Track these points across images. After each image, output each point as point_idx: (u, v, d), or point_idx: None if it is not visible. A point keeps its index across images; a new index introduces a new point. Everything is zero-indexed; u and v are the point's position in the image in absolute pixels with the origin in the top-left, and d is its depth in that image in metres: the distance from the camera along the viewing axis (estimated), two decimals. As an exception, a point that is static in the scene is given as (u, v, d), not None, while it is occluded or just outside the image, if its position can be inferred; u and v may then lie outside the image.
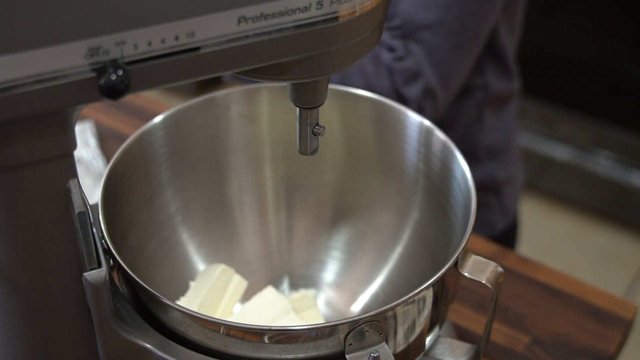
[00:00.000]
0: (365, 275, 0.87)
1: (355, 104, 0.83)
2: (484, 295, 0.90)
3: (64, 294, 0.61)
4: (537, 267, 0.95)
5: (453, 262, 0.66)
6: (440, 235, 0.80)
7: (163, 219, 0.82)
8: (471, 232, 0.68)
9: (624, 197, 2.06)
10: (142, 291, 0.64)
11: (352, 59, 0.59)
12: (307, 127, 0.65)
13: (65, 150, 0.54)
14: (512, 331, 0.88)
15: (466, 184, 0.72)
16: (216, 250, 0.87)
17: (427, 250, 0.83)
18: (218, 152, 0.85)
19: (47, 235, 0.57)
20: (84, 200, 0.57)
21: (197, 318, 0.62)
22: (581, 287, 0.93)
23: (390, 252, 0.86)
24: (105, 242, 0.66)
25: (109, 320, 0.62)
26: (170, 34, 0.51)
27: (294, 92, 0.62)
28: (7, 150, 0.52)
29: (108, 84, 0.50)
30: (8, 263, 0.58)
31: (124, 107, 1.16)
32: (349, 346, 0.62)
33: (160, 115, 0.79)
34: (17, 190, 0.54)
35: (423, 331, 0.68)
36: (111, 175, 0.73)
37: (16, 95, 0.49)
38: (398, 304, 0.62)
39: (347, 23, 0.55)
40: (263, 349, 0.62)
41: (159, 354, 0.63)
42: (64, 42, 0.49)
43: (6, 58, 0.48)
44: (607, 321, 0.89)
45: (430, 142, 0.79)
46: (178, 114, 0.80)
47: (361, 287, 0.87)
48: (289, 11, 0.53)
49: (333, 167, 0.88)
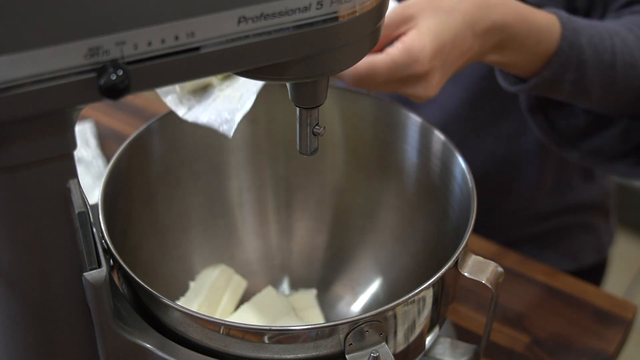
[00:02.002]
0: (365, 275, 0.87)
1: (355, 104, 0.83)
2: (484, 295, 0.90)
3: (64, 294, 0.61)
4: (537, 267, 0.95)
5: (453, 262, 0.66)
6: (440, 235, 0.80)
7: (163, 218, 0.82)
8: (472, 232, 0.68)
9: (624, 197, 2.06)
10: (142, 291, 0.64)
11: (352, 59, 0.59)
12: (307, 127, 0.65)
13: (65, 150, 0.54)
14: (512, 331, 0.88)
15: (466, 184, 0.72)
16: (216, 250, 0.88)
17: (427, 250, 0.83)
18: (218, 152, 0.85)
19: (47, 235, 0.57)
20: (84, 200, 0.57)
21: (197, 318, 0.62)
22: (581, 287, 0.93)
23: (390, 252, 0.86)
24: (105, 242, 0.66)
25: (109, 320, 0.62)
26: (170, 34, 0.51)
27: (294, 92, 0.62)
28: (7, 150, 0.52)
29: (108, 84, 0.50)
30: (8, 263, 0.58)
31: (124, 107, 1.16)
32: (349, 346, 0.62)
33: (160, 115, 0.79)
34: (17, 190, 0.54)
35: (423, 331, 0.68)
36: (111, 175, 0.73)
37: (16, 95, 0.49)
38: (398, 304, 0.62)
39: (347, 23, 0.55)
40: (263, 349, 0.62)
41: (159, 354, 0.63)
42: (64, 42, 0.49)
43: (6, 58, 0.48)
44: (607, 321, 0.89)
45: (430, 142, 0.79)
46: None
47: (361, 287, 0.87)
48: (289, 11, 0.53)
49: (333, 167, 0.88)
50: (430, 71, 0.71)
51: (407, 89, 0.72)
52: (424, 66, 0.70)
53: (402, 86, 0.72)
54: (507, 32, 0.74)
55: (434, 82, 0.72)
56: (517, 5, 0.76)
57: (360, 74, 0.70)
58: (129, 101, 1.16)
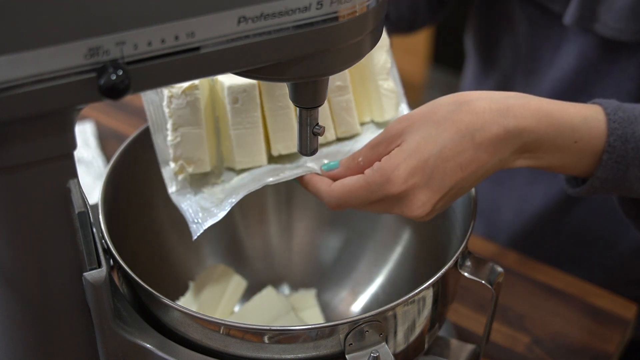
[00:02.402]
0: (365, 275, 0.87)
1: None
2: (484, 295, 0.90)
3: (64, 294, 0.61)
4: (537, 267, 0.95)
5: (453, 262, 0.66)
6: (440, 235, 0.80)
7: (163, 219, 0.82)
8: (471, 232, 0.68)
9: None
10: (142, 291, 0.64)
11: (352, 59, 0.59)
12: (307, 127, 0.64)
13: (65, 150, 0.54)
14: (512, 331, 0.88)
15: (466, 184, 0.72)
16: (216, 250, 0.87)
17: (427, 250, 0.83)
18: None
19: (47, 235, 0.57)
20: (84, 200, 0.57)
21: (197, 318, 0.62)
22: (581, 287, 0.93)
23: (390, 252, 0.86)
24: (105, 242, 0.66)
25: (109, 320, 0.62)
26: (170, 34, 0.51)
27: (294, 92, 0.62)
28: (7, 150, 0.52)
29: (108, 84, 0.50)
30: (8, 263, 0.58)
31: (124, 107, 1.16)
32: (349, 346, 0.62)
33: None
34: (17, 190, 0.54)
35: (423, 331, 0.68)
36: (111, 175, 0.73)
37: (16, 95, 0.49)
38: (398, 304, 0.62)
39: (347, 23, 0.55)
40: (263, 349, 0.62)
41: (159, 354, 0.63)
42: (64, 42, 0.49)
43: (6, 58, 0.48)
44: (607, 321, 0.89)
45: (430, 142, 0.79)
46: (178, 114, 0.80)
47: (361, 287, 0.87)
48: (289, 11, 0.53)
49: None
50: (408, 190, 0.66)
51: (390, 209, 0.68)
52: (398, 186, 0.65)
53: (383, 206, 0.68)
54: (529, 136, 0.67)
55: (417, 202, 0.66)
56: (540, 105, 0.68)
57: (338, 196, 0.67)
58: (129, 101, 1.16)
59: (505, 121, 0.66)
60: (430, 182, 0.66)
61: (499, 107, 0.67)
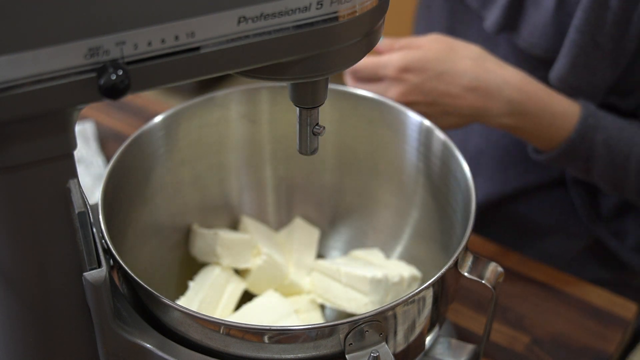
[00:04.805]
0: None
1: (355, 104, 0.83)
2: (484, 295, 0.90)
3: (64, 294, 0.61)
4: (537, 267, 0.95)
5: (453, 262, 0.66)
6: (440, 235, 0.80)
7: (163, 218, 0.82)
8: (471, 232, 0.68)
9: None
10: (142, 291, 0.64)
11: (352, 59, 0.59)
12: (307, 127, 0.64)
13: (65, 150, 0.54)
14: (512, 331, 0.88)
15: (466, 184, 0.72)
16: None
17: (427, 250, 0.83)
18: (218, 152, 0.85)
19: (47, 235, 0.57)
20: (84, 200, 0.57)
21: (197, 318, 0.62)
22: (581, 287, 0.93)
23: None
24: (105, 242, 0.66)
25: (109, 320, 0.62)
26: (170, 34, 0.51)
27: (294, 92, 0.62)
28: (7, 150, 0.52)
29: (108, 84, 0.50)
30: (8, 263, 0.58)
31: (124, 107, 1.16)
32: (349, 346, 0.62)
33: (160, 115, 0.79)
34: (17, 190, 0.54)
35: (423, 331, 0.68)
36: (111, 175, 0.73)
37: (16, 95, 0.49)
38: (398, 304, 0.62)
39: (347, 23, 0.55)
40: (263, 349, 0.62)
41: (159, 354, 0.63)
42: (64, 42, 0.49)
43: (6, 58, 0.48)
44: (607, 321, 0.89)
45: (430, 142, 0.79)
46: (178, 114, 0.80)
47: (361, 287, 0.87)
48: (289, 11, 0.53)
49: (333, 167, 0.88)
50: (396, 80, 0.86)
51: (375, 86, 0.87)
52: (390, 71, 0.86)
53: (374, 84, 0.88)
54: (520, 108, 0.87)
55: (395, 90, 0.86)
56: (538, 88, 0.88)
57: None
58: (129, 101, 1.16)
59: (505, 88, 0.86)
60: (421, 87, 0.86)
61: (503, 78, 0.87)
